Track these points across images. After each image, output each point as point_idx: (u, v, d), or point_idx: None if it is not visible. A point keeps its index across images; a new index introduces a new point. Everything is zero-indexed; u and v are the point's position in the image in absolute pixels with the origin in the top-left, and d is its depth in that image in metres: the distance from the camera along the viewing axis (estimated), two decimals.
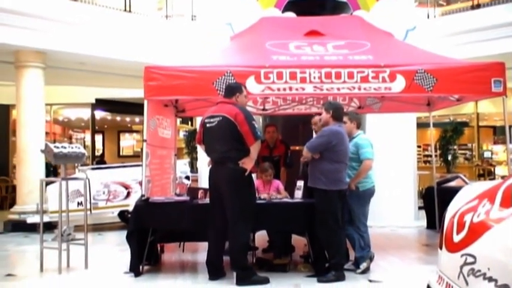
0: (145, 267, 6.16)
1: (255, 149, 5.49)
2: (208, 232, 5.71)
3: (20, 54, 10.28)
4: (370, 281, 5.63)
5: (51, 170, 13.37)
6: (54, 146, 6.25)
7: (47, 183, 8.50)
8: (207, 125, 5.64)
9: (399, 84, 6.01)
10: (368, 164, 5.96)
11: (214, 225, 5.60)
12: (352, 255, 6.09)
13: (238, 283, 5.41)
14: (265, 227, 6.49)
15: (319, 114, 6.50)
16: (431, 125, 9.20)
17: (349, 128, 6.06)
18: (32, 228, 9.51)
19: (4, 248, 8.54)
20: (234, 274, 5.48)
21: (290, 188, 6.74)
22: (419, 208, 10.22)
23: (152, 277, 5.96)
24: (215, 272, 5.67)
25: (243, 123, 5.40)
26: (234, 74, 5.93)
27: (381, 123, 9.52)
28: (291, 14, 8.91)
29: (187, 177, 10.35)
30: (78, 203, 8.85)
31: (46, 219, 7.70)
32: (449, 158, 12.85)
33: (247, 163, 5.47)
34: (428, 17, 11.65)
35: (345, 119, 6.08)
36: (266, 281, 5.50)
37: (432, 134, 9.95)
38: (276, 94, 6.42)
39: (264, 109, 8.46)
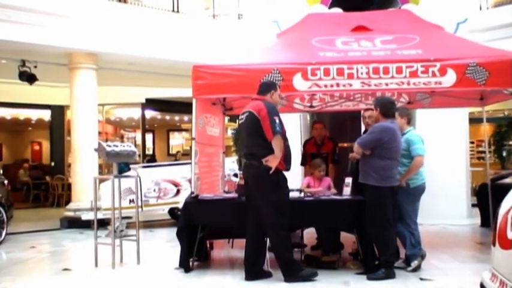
0: (195, 263, 6.25)
1: (276, 144, 5.34)
2: (246, 229, 5.71)
3: (73, 56, 10.61)
4: (421, 279, 5.54)
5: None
6: (107, 145, 6.44)
7: (100, 181, 8.75)
8: (239, 122, 5.74)
9: (450, 79, 5.86)
10: (419, 160, 5.85)
11: (251, 223, 5.60)
12: (402, 252, 6.00)
13: (286, 279, 5.42)
14: (314, 224, 6.48)
15: (369, 110, 6.44)
16: (484, 120, 8.95)
17: (399, 124, 5.97)
18: (87, 224, 9.82)
19: (61, 243, 8.85)
20: (281, 270, 5.49)
21: (338, 185, 6.70)
22: (473, 205, 9.97)
23: (202, 273, 6.04)
24: (251, 269, 5.61)
25: (265, 118, 5.36)
26: (281, 71, 5.93)
27: (432, 119, 9.33)
28: (337, 10, 8.85)
29: (235, 175, 10.42)
30: (130, 201, 9.07)
31: (100, 216, 7.92)
32: (504, 154, 12.46)
33: (272, 161, 5.36)
34: (480, 8, 11.32)
35: (395, 114, 6.00)
36: (314, 274, 5.49)
37: (486, 130, 9.68)
38: (323, 91, 6.38)
39: (311, 106, 8.42)
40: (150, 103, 16.68)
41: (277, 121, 5.36)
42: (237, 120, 5.81)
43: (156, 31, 10.88)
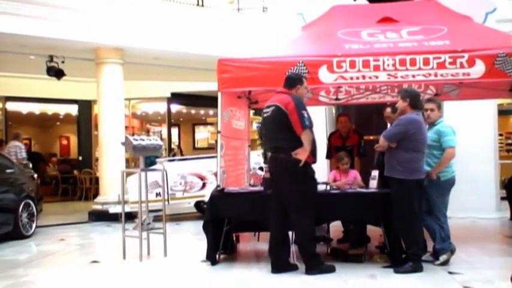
0: (221, 256, 6.29)
1: (305, 138, 5.37)
2: (269, 222, 5.71)
3: (100, 52, 10.72)
4: (450, 272, 5.47)
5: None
6: (134, 139, 6.50)
7: (127, 175, 8.84)
8: (264, 115, 5.70)
9: (478, 70, 5.75)
10: (451, 152, 5.77)
11: (273, 215, 5.60)
12: (430, 246, 5.94)
13: (307, 272, 5.44)
14: (340, 218, 6.45)
15: (393, 103, 6.36)
16: None
17: (435, 116, 5.93)
18: (114, 217, 9.94)
19: (89, 236, 8.99)
20: (303, 262, 5.51)
21: (364, 178, 6.65)
22: (502, 199, 9.81)
23: (228, 266, 6.08)
24: (277, 262, 5.62)
25: (293, 112, 5.35)
26: (306, 64, 5.90)
27: (460, 111, 9.18)
28: (363, 2, 8.76)
29: (261, 168, 10.42)
30: (157, 194, 9.15)
31: (127, 209, 8.01)
32: None
33: (301, 153, 5.37)
34: None
35: (433, 106, 5.93)
36: (333, 269, 5.50)
37: None
38: (349, 83, 6.33)
39: (336, 99, 8.35)
40: (176, 97, 16.78)
41: (305, 115, 5.37)
42: (262, 113, 5.76)
43: (181, 25, 10.93)
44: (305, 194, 5.45)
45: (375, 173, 6.17)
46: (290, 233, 5.84)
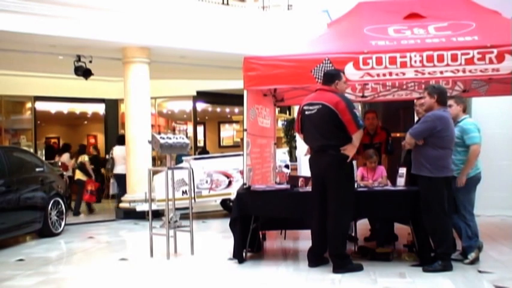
0: (248, 254, 6.30)
1: (357, 137, 5.43)
2: (311, 222, 5.69)
3: (127, 51, 10.81)
4: (480, 271, 5.40)
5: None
6: (161, 137, 6.56)
7: (154, 173, 8.92)
8: (306, 113, 5.62)
9: (508, 65, 5.65)
10: (476, 149, 5.68)
11: (318, 214, 5.57)
12: (459, 244, 5.86)
13: (335, 271, 5.42)
14: (367, 215, 6.41)
15: (422, 98, 6.29)
16: None
17: (455, 112, 5.83)
18: (141, 215, 10.04)
19: (117, 234, 9.10)
20: (331, 261, 5.51)
21: (392, 175, 6.60)
22: None
23: (255, 264, 6.09)
24: (315, 260, 5.69)
25: (345, 112, 5.35)
26: (333, 61, 5.87)
27: (488, 107, 9.04)
28: None
29: (286, 166, 10.43)
30: (183, 192, 9.21)
31: (154, 207, 8.06)
32: None
33: (350, 150, 5.42)
34: None
35: (451, 101, 5.84)
36: (360, 267, 5.49)
37: None
38: (376, 80, 6.27)
39: (363, 96, 8.29)
40: (201, 95, 16.87)
41: (358, 114, 5.42)
42: (303, 110, 5.67)
43: (207, 24, 10.95)
44: (348, 192, 5.49)
45: (403, 170, 6.11)
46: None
